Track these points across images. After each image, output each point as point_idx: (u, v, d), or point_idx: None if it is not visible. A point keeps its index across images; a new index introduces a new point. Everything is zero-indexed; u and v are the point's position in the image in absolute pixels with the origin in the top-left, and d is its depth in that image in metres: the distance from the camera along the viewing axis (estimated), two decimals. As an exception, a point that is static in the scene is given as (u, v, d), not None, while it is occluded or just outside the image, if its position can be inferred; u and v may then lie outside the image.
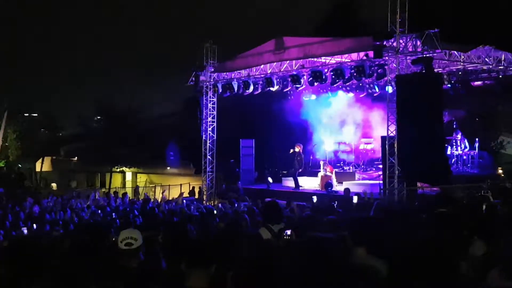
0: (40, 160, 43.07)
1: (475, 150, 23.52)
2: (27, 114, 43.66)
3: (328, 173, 22.24)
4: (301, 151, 22.88)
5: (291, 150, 22.64)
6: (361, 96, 24.35)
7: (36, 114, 45.67)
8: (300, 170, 22.86)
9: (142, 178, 42.72)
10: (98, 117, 43.98)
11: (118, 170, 42.17)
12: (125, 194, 22.26)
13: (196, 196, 25.35)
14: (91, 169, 42.95)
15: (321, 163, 22.98)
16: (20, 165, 42.37)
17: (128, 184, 42.84)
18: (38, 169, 43.35)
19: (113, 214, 16.28)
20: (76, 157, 45.45)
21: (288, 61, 21.21)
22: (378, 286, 3.51)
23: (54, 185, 40.04)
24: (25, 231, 13.81)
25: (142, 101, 41.69)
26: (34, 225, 14.98)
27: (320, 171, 22.48)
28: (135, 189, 28.88)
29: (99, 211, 16.97)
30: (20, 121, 41.40)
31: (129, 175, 44.49)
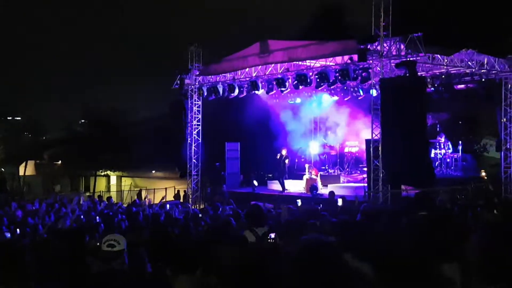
0: (23, 164, 42.66)
1: (459, 152, 23.73)
2: (10, 118, 43.28)
3: (313, 176, 22.29)
4: (286, 154, 22.93)
5: (278, 155, 22.66)
6: (345, 99, 24.46)
7: (19, 118, 45.30)
8: (287, 173, 22.89)
9: (127, 182, 42.51)
10: (82, 121, 43.71)
11: (103, 174, 41.93)
12: (109, 198, 22.08)
13: (181, 200, 25.24)
14: (75, 173, 42.64)
15: (306, 166, 23.05)
16: (3, 169, 41.94)
17: (113, 188, 42.61)
18: (21, 173, 42.93)
19: (98, 218, 16.15)
20: (60, 161, 45.09)
21: (273, 64, 21.23)
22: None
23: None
24: (8, 236, 13.65)
25: (126, 105, 41.57)
26: (18, 230, 14.81)
27: (305, 174, 22.53)
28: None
29: (83, 216, 16.82)
30: (3, 125, 40.98)
31: (113, 179, 44.24)
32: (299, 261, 2.63)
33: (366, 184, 19.31)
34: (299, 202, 17.37)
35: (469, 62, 19.53)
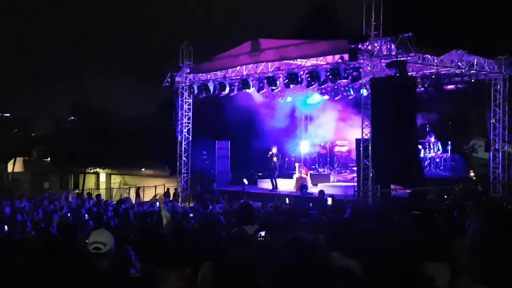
0: (12, 161, 42.39)
1: (448, 153, 23.82)
2: (-1, 114, 43.05)
3: (303, 175, 22.31)
4: (277, 152, 22.93)
5: (270, 153, 22.64)
6: (336, 98, 24.46)
7: (8, 114, 45.02)
8: (277, 171, 22.85)
9: (116, 179, 42.34)
10: (72, 118, 43.48)
11: (92, 171, 41.73)
12: (98, 195, 21.99)
13: (171, 198, 25.18)
14: (64, 170, 42.40)
15: (296, 165, 23.07)
16: (-9, 166, 41.68)
17: (102, 185, 42.43)
18: (10, 169, 42.65)
19: (86, 215, 16.08)
20: (49, 158, 44.83)
21: (264, 63, 21.24)
22: (355, 286, 3.52)
23: None
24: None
25: (116, 102, 41.38)
26: (6, 227, 14.71)
27: (295, 173, 22.55)
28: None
29: (72, 213, 16.74)
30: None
31: (103, 176, 44.06)
32: (281, 259, 2.62)
33: (356, 184, 19.35)
34: (286, 200, 17.40)
35: (459, 63, 19.62)
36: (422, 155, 22.06)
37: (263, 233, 6.03)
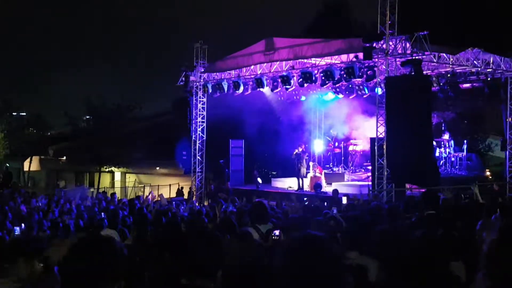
0: (28, 160, 42.75)
1: (463, 152, 23.67)
2: (15, 113, 43.32)
3: (317, 174, 22.28)
4: (304, 150, 22.82)
5: (295, 152, 22.55)
6: (350, 97, 24.37)
7: (24, 113, 45.37)
8: (300, 169, 22.65)
9: (131, 178, 42.49)
10: (87, 117, 43.67)
11: (107, 170, 41.93)
12: (113, 194, 22.13)
13: (185, 197, 25.27)
14: (79, 168, 42.67)
15: (311, 164, 23.04)
16: (8, 165, 42.03)
17: (117, 184, 42.62)
18: (26, 168, 43.02)
19: (102, 214, 16.18)
20: (65, 157, 45.13)
21: (278, 62, 21.24)
22: (369, 285, 3.53)
23: None
24: (17, 231, 13.68)
25: (131, 101, 41.44)
26: (23, 225, 14.84)
27: (309, 172, 22.52)
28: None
29: (88, 211, 16.86)
30: (8, 120, 41.05)
31: (118, 175, 44.25)
32: (297, 256, 2.61)
33: (370, 183, 19.29)
34: (305, 199, 17.38)
35: (474, 61, 19.46)
36: (437, 154, 21.94)
37: (277, 232, 6.04)
